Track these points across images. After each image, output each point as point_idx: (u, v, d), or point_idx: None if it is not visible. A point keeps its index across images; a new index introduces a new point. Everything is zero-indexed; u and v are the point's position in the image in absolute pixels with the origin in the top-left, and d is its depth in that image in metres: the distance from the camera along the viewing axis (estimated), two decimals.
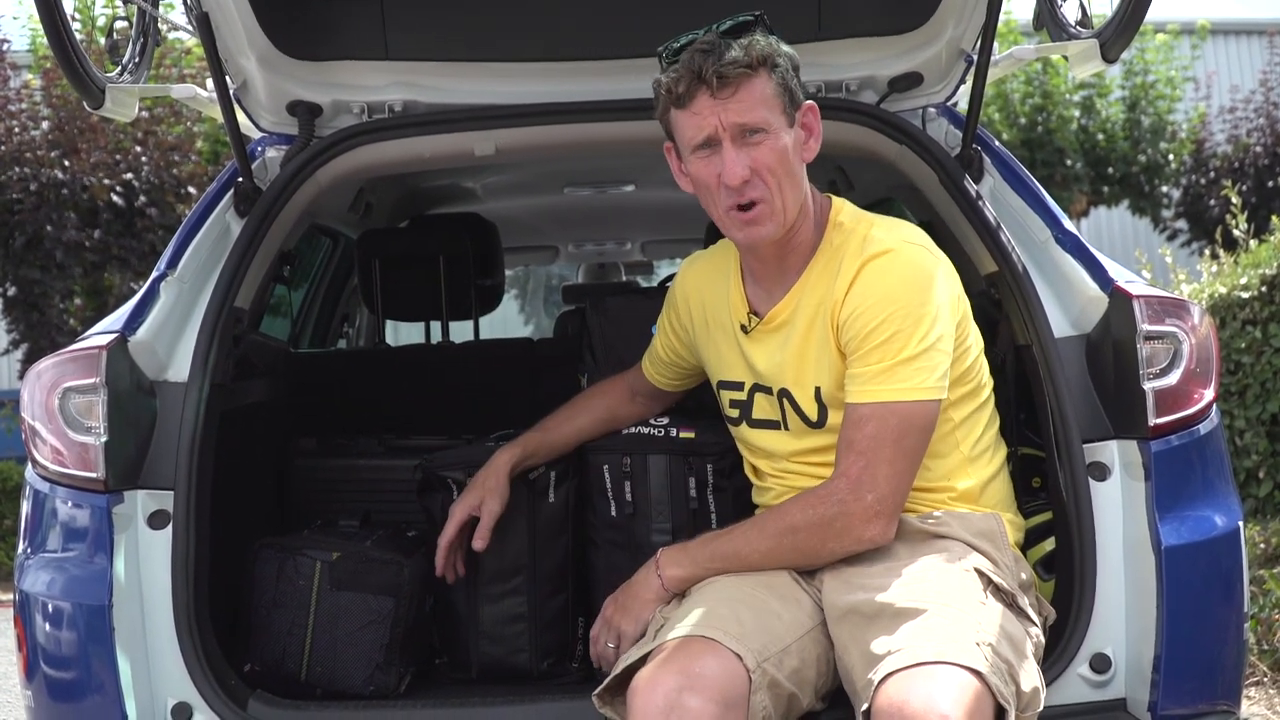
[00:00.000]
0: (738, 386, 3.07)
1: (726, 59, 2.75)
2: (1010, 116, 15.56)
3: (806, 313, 2.92)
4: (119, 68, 3.54)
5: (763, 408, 3.03)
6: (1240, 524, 3.06)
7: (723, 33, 2.81)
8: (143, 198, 12.20)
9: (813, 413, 2.94)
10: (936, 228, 3.65)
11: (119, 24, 3.69)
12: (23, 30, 14.49)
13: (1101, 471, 3.04)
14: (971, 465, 2.96)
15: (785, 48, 2.85)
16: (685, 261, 3.30)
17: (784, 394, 2.97)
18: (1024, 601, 2.80)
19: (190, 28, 3.44)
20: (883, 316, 2.79)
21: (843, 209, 2.98)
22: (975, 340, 2.98)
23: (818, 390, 2.92)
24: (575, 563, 3.47)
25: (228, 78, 3.46)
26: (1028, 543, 3.17)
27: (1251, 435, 6.73)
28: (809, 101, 2.91)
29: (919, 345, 2.76)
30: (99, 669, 2.94)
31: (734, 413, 3.10)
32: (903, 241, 2.88)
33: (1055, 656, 2.93)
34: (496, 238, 5.26)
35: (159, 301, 3.23)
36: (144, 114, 12.07)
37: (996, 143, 3.61)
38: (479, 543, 3.19)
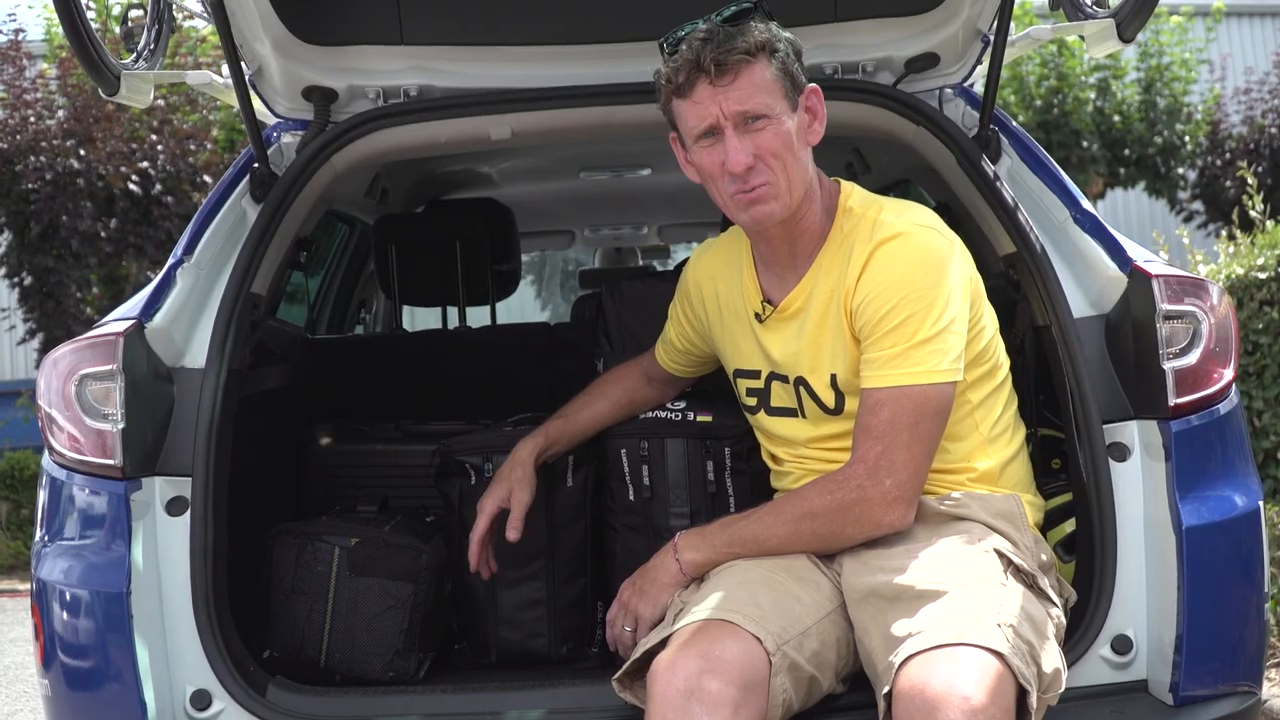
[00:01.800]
0: (754, 375, 3.07)
1: (724, 46, 2.74)
2: (1026, 99, 15.48)
3: (820, 300, 2.91)
4: (134, 55, 3.54)
5: (780, 396, 3.02)
6: (1260, 504, 3.04)
7: (721, 21, 2.80)
8: (159, 186, 12.19)
9: (829, 400, 2.93)
10: (954, 209, 3.64)
11: (134, 11, 3.68)
12: (38, 20, 14.51)
13: (1121, 452, 3.03)
14: (990, 446, 2.95)
15: (785, 33, 2.85)
16: (696, 250, 3.29)
17: (800, 382, 2.96)
18: (1044, 583, 2.79)
19: (205, 13, 3.44)
20: (895, 300, 2.78)
21: (852, 193, 2.97)
22: (990, 320, 2.97)
23: (833, 377, 2.91)
24: (593, 547, 3.48)
25: (243, 63, 3.45)
26: (1048, 524, 3.17)
27: (1270, 416, 6.69)
28: (811, 85, 2.90)
29: (933, 328, 2.76)
30: (117, 657, 2.94)
31: (751, 401, 3.09)
32: (913, 224, 2.86)
33: (1076, 638, 2.92)
34: (512, 223, 5.25)
35: (176, 288, 3.22)
36: (159, 103, 12.07)
37: (1014, 123, 3.60)
38: (513, 533, 3.17)
